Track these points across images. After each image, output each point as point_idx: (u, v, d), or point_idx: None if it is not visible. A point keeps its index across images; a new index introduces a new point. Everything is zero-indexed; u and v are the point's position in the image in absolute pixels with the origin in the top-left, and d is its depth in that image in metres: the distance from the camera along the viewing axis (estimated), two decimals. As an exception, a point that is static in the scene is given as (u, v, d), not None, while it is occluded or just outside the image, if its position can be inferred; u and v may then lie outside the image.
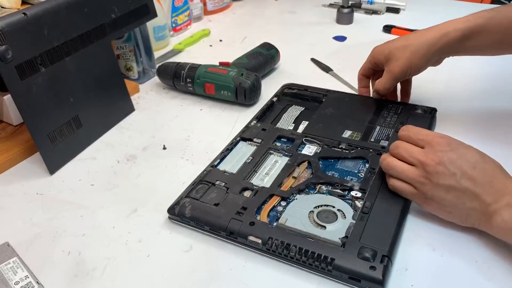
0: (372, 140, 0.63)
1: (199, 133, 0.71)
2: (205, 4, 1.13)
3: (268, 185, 0.56)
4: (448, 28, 0.62)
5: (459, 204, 0.48)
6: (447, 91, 0.78)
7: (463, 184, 0.47)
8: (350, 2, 1.07)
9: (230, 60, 0.83)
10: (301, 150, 0.63)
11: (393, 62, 0.65)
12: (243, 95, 0.74)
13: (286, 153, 0.62)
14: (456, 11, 1.10)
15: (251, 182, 0.57)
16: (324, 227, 0.50)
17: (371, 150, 0.61)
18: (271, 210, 0.53)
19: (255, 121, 0.69)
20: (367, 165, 0.59)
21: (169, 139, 0.70)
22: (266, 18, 1.12)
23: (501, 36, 0.61)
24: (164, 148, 0.68)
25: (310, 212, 0.52)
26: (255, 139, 0.65)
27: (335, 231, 0.50)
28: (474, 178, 0.47)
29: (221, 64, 0.80)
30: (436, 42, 0.63)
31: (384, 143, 0.62)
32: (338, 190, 0.55)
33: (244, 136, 0.66)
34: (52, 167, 0.64)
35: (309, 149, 0.63)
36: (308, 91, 0.76)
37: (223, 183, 0.57)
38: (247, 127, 0.68)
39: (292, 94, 0.76)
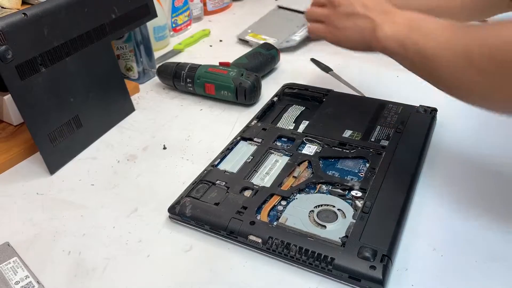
0: (373, 139, 0.63)
1: (199, 133, 0.71)
2: (205, 4, 1.13)
3: (268, 184, 0.56)
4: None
5: (356, 27, 0.59)
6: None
7: (359, 10, 0.58)
8: (350, 2, 1.07)
9: (230, 60, 0.83)
10: (302, 150, 0.63)
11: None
12: (243, 95, 0.74)
13: (287, 153, 0.62)
14: (456, 11, 1.10)
15: (252, 181, 0.57)
16: (324, 226, 0.50)
17: (371, 150, 0.61)
18: (271, 209, 0.53)
19: (255, 121, 0.69)
20: (367, 165, 0.59)
21: (169, 139, 0.70)
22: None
23: None
24: (164, 148, 0.68)
25: (310, 211, 0.52)
26: (255, 139, 0.65)
27: (335, 230, 0.50)
28: (366, 5, 0.58)
29: (221, 64, 0.80)
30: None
31: (384, 142, 0.62)
32: (339, 190, 0.55)
33: (244, 136, 0.66)
34: (52, 167, 0.64)
35: (310, 149, 0.63)
36: (309, 90, 0.76)
37: (224, 183, 0.57)
38: (247, 126, 0.68)
39: (293, 93, 0.76)
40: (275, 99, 0.75)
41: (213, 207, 0.53)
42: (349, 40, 0.61)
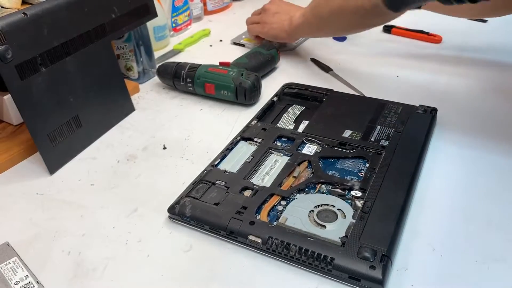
0: (373, 139, 0.63)
1: (199, 133, 0.71)
2: (205, 4, 1.13)
3: (268, 184, 0.56)
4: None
5: (279, 20, 0.88)
6: (447, 90, 0.78)
7: (283, 8, 0.90)
8: (350, 2, 1.07)
9: (230, 60, 0.83)
10: (302, 150, 0.63)
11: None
12: (243, 95, 0.74)
13: (287, 153, 0.62)
14: (456, 11, 1.10)
15: (251, 181, 0.57)
16: (324, 226, 0.50)
17: (371, 150, 0.61)
18: (271, 209, 0.53)
19: (255, 121, 0.69)
20: (367, 165, 0.59)
21: (169, 139, 0.70)
22: None
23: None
24: (164, 148, 0.68)
25: (310, 211, 0.52)
26: (255, 139, 0.65)
27: (335, 230, 0.50)
28: (285, 8, 0.90)
29: (221, 64, 0.80)
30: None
31: (384, 142, 0.62)
32: (338, 190, 0.55)
33: (244, 136, 0.66)
34: (52, 167, 0.64)
35: (310, 149, 0.63)
36: (309, 90, 0.76)
37: (224, 183, 0.57)
38: (247, 126, 0.68)
39: (293, 93, 0.76)
40: (275, 99, 0.75)
41: (213, 207, 0.53)
42: (274, 29, 0.88)
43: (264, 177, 0.58)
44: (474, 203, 0.55)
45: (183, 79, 0.79)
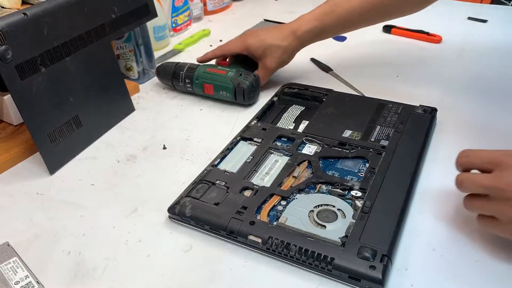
0: (373, 139, 0.63)
1: (199, 133, 0.71)
2: (205, 4, 1.13)
3: (268, 184, 0.56)
4: (298, 30, 0.76)
5: None
6: (447, 90, 0.78)
7: None
8: (350, 2, 1.07)
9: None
10: (301, 150, 0.63)
11: (268, 59, 0.77)
12: (242, 95, 0.74)
13: (287, 153, 0.62)
14: (456, 11, 1.11)
15: (251, 181, 0.57)
16: (324, 226, 0.50)
17: (371, 150, 0.61)
18: (271, 209, 0.53)
19: (255, 121, 0.69)
20: (367, 165, 0.59)
21: (169, 139, 0.70)
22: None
23: (341, 26, 0.76)
24: (164, 148, 0.68)
25: (310, 211, 0.52)
26: (255, 139, 0.65)
27: (335, 230, 0.50)
28: None
29: (220, 64, 0.80)
30: (292, 44, 0.77)
31: (384, 142, 0.62)
32: (338, 190, 0.55)
33: (244, 136, 0.66)
34: (52, 167, 0.64)
35: (309, 149, 0.63)
36: (309, 90, 0.76)
37: (224, 183, 0.57)
38: (247, 126, 0.68)
39: (293, 93, 0.76)
40: (275, 99, 0.75)
41: (213, 207, 0.53)
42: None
43: (264, 177, 0.58)
44: (474, 203, 0.55)
45: (182, 79, 0.79)
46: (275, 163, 0.61)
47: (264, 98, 0.78)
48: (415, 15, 0.78)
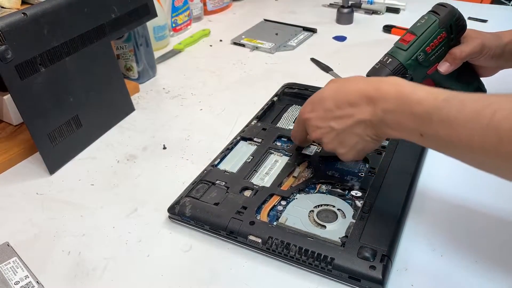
0: (372, 139, 0.63)
1: (199, 133, 0.71)
2: (205, 4, 1.13)
3: (268, 184, 0.56)
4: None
5: (352, 136, 0.50)
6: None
7: (339, 125, 0.50)
8: (350, 2, 1.07)
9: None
10: (301, 150, 0.62)
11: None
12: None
13: (286, 153, 0.62)
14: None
15: (251, 181, 0.57)
16: (324, 226, 0.50)
17: (371, 150, 0.61)
18: (271, 209, 0.53)
19: (255, 121, 0.69)
20: (367, 165, 0.59)
21: (169, 139, 0.70)
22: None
23: None
24: (164, 148, 0.68)
25: (310, 211, 0.52)
26: (255, 139, 0.65)
27: (335, 230, 0.50)
28: (340, 116, 0.49)
29: (403, 40, 0.71)
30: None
31: (384, 142, 0.62)
32: (338, 190, 0.55)
33: (244, 136, 0.66)
34: (52, 167, 0.64)
35: (309, 149, 0.63)
36: (309, 90, 0.76)
37: (223, 183, 0.57)
38: (247, 126, 0.68)
39: (293, 93, 0.76)
40: (275, 99, 0.75)
41: (213, 207, 0.53)
42: (355, 153, 0.52)
43: (264, 177, 0.58)
44: (474, 203, 0.55)
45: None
46: (275, 163, 0.61)
47: (264, 98, 0.78)
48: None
